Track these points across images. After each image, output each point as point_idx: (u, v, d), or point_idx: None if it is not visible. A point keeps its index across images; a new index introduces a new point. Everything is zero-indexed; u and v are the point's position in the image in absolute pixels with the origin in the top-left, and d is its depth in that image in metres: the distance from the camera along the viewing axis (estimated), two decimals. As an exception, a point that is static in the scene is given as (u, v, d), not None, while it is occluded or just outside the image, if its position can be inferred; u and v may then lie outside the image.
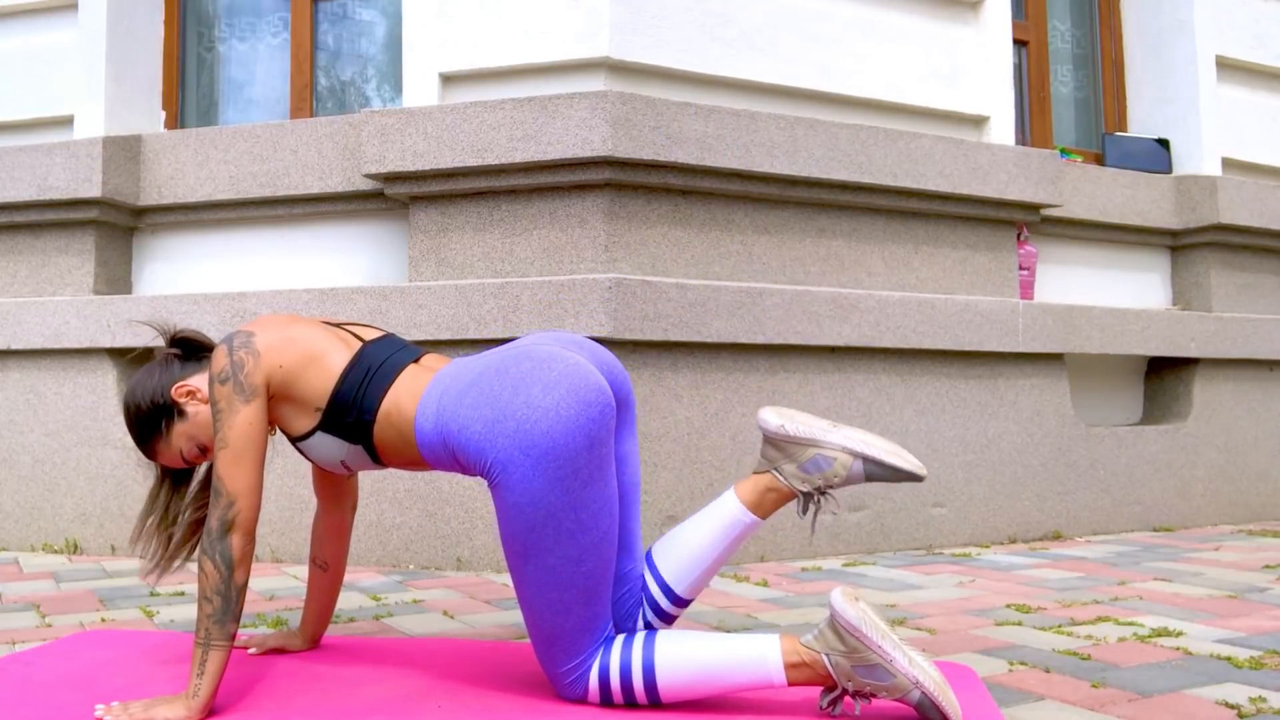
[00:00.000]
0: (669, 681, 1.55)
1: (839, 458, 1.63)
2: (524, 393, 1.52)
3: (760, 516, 1.67)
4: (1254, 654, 1.98)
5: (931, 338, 3.42)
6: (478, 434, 1.53)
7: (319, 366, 1.67)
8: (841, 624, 1.51)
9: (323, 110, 3.76)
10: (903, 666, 1.49)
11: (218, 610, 1.54)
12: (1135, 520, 3.84)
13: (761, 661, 1.53)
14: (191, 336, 1.82)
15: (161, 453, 1.76)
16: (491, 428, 1.52)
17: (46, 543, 3.36)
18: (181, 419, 1.73)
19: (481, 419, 1.53)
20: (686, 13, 3.21)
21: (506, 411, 1.52)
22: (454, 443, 1.56)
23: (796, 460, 1.65)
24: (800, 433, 1.65)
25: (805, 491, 1.65)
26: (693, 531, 1.68)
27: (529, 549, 1.53)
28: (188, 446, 1.74)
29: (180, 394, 1.73)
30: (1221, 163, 4.27)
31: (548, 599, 1.55)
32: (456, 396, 1.58)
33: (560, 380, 1.53)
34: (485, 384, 1.56)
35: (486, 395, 1.54)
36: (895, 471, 1.62)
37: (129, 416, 1.75)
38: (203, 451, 1.75)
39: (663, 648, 1.57)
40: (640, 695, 1.57)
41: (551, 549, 1.53)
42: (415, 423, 1.61)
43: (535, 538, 1.52)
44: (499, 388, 1.54)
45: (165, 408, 1.73)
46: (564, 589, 1.54)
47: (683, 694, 1.56)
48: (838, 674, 1.51)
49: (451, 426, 1.56)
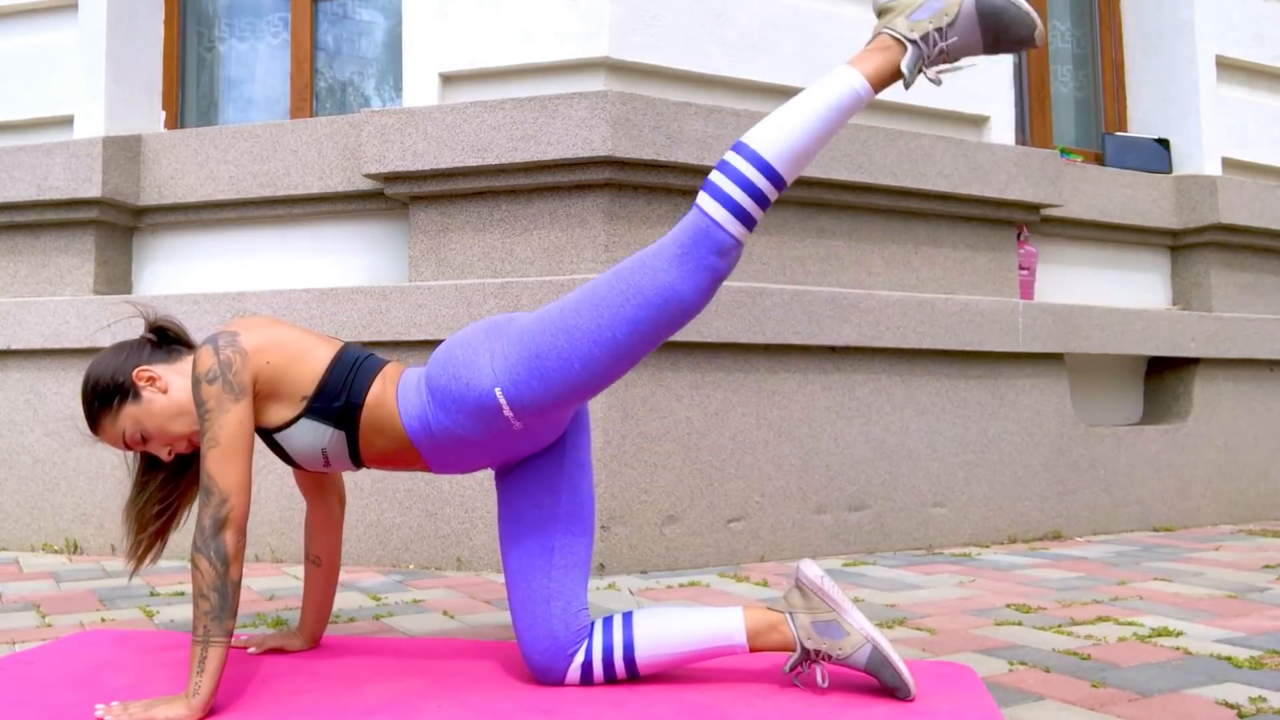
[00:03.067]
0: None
1: (853, 636, 1.66)
2: (482, 322, 1.74)
3: (749, 648, 1.70)
4: (1254, 654, 1.98)
5: (931, 338, 3.42)
6: (460, 356, 1.68)
7: (304, 360, 1.70)
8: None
9: (323, 110, 3.76)
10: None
11: (215, 607, 1.55)
12: (1135, 520, 3.84)
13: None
14: (169, 326, 1.83)
15: (105, 429, 1.75)
16: (468, 345, 1.68)
17: (46, 543, 3.36)
18: (135, 401, 1.73)
19: (459, 345, 1.69)
20: (686, 13, 3.21)
21: (473, 331, 1.71)
22: (444, 387, 1.66)
23: (815, 616, 1.68)
24: (832, 594, 1.69)
25: (806, 649, 1.68)
26: (681, 619, 1.73)
27: (566, 333, 1.64)
28: (131, 429, 1.73)
29: (141, 378, 1.73)
30: (1221, 163, 4.27)
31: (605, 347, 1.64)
32: (429, 366, 1.72)
33: None
34: (458, 345, 1.71)
35: (451, 344, 1.71)
36: (895, 675, 1.64)
37: (85, 387, 1.75)
38: (143, 440, 1.74)
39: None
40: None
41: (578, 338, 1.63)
42: (399, 404, 1.70)
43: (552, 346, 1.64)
44: (456, 336, 1.72)
45: (123, 387, 1.73)
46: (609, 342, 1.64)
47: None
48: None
49: (434, 376, 1.68)
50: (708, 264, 1.60)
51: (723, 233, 1.60)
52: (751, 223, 1.62)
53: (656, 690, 1.68)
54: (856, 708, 1.59)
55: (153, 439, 1.74)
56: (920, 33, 1.65)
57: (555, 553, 1.73)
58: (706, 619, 1.71)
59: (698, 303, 1.62)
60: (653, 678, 1.74)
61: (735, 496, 3.11)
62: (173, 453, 1.76)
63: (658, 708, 1.59)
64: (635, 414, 2.97)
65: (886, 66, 1.68)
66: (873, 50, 1.69)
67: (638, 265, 1.62)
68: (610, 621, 1.74)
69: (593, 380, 1.64)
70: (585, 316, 1.62)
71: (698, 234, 1.60)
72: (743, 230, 1.61)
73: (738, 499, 3.11)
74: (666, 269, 1.60)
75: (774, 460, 3.17)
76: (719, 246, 1.60)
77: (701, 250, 1.60)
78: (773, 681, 1.75)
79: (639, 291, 1.60)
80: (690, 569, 3.00)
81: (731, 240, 1.60)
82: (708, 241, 1.60)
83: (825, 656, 1.67)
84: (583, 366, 1.62)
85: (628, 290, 1.61)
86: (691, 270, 1.60)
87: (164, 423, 1.73)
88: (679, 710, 1.58)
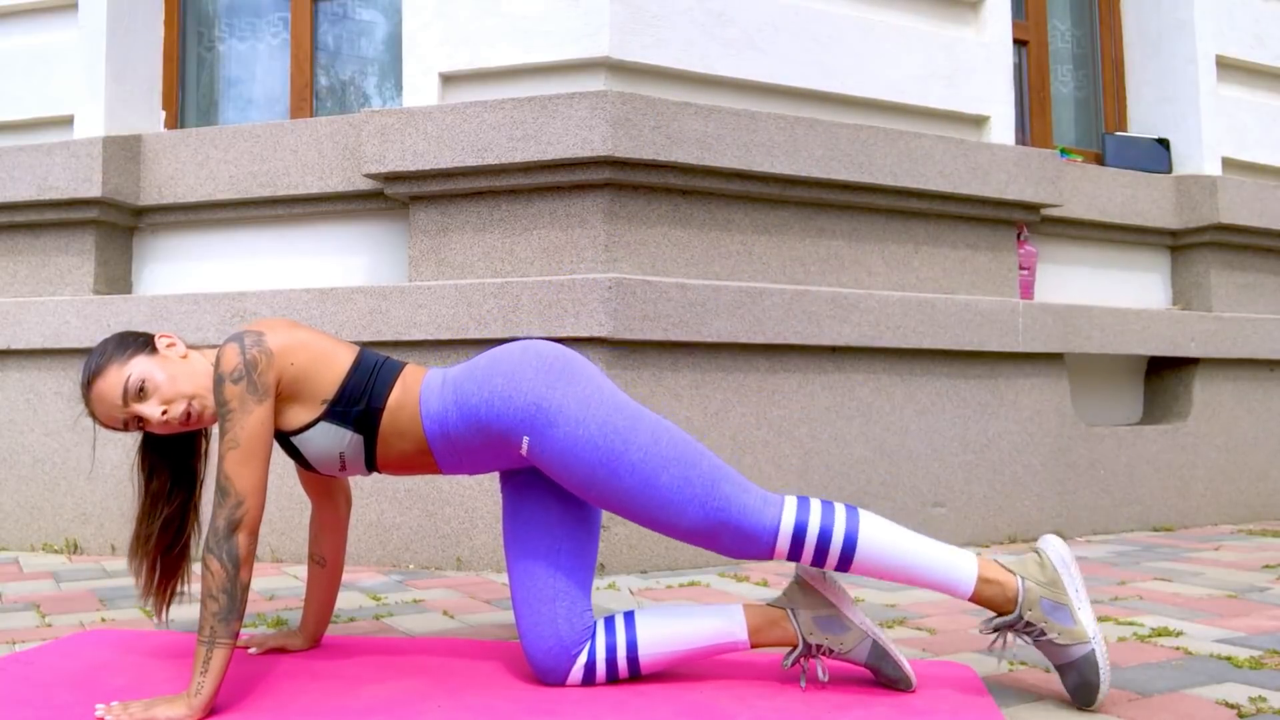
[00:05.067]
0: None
1: (854, 631, 1.68)
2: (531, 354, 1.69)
3: (751, 644, 1.71)
4: (1254, 654, 1.98)
5: (931, 338, 3.42)
6: (500, 387, 1.64)
7: (326, 363, 1.70)
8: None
9: (323, 110, 3.76)
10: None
11: (223, 609, 1.55)
12: (1135, 520, 3.84)
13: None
14: None
15: (107, 377, 1.66)
16: (512, 379, 1.65)
17: (46, 543, 3.36)
18: (149, 353, 1.70)
19: (501, 374, 1.66)
20: (686, 13, 3.21)
21: (520, 364, 1.67)
22: (475, 407, 1.65)
23: (816, 611, 1.70)
24: (833, 589, 1.71)
25: (808, 644, 1.69)
26: (683, 617, 1.74)
27: (610, 461, 1.61)
28: (135, 376, 1.65)
29: (161, 340, 1.73)
30: (1221, 163, 4.27)
31: (661, 495, 1.62)
32: (463, 373, 1.71)
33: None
34: (487, 361, 1.70)
35: (495, 365, 1.68)
36: (896, 667, 1.67)
37: (101, 343, 1.71)
38: (141, 394, 1.66)
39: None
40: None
41: (627, 448, 1.61)
42: (420, 405, 1.70)
43: (607, 450, 1.61)
44: (502, 358, 1.70)
45: (142, 338, 1.72)
46: (664, 469, 1.62)
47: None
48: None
49: (468, 391, 1.67)
50: (727, 527, 1.63)
51: (763, 542, 1.63)
52: (786, 556, 1.64)
53: (657, 690, 1.68)
54: (857, 708, 1.59)
55: (153, 395, 1.66)
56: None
57: (562, 551, 1.73)
58: (708, 616, 1.73)
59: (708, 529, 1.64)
60: (653, 677, 1.75)
61: (735, 496, 3.10)
62: (166, 415, 1.66)
63: (658, 708, 1.59)
64: (635, 414, 2.97)
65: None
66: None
67: (710, 486, 1.62)
68: (612, 621, 1.74)
69: (599, 498, 1.66)
70: (635, 480, 1.62)
71: (746, 532, 1.62)
72: (772, 551, 1.63)
73: (738, 499, 3.11)
74: (714, 508, 1.63)
75: (774, 460, 3.17)
76: (747, 540, 1.63)
77: (733, 532, 1.63)
78: (772, 681, 1.75)
79: (692, 493, 1.62)
80: (690, 569, 3.00)
81: (761, 549, 1.63)
82: (746, 538, 1.63)
83: (827, 651, 1.68)
84: (600, 497, 1.65)
85: (686, 489, 1.62)
86: (713, 515, 1.63)
87: (175, 376, 1.68)
88: (679, 710, 1.58)
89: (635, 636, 1.70)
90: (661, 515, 1.63)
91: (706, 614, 1.73)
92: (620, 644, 1.70)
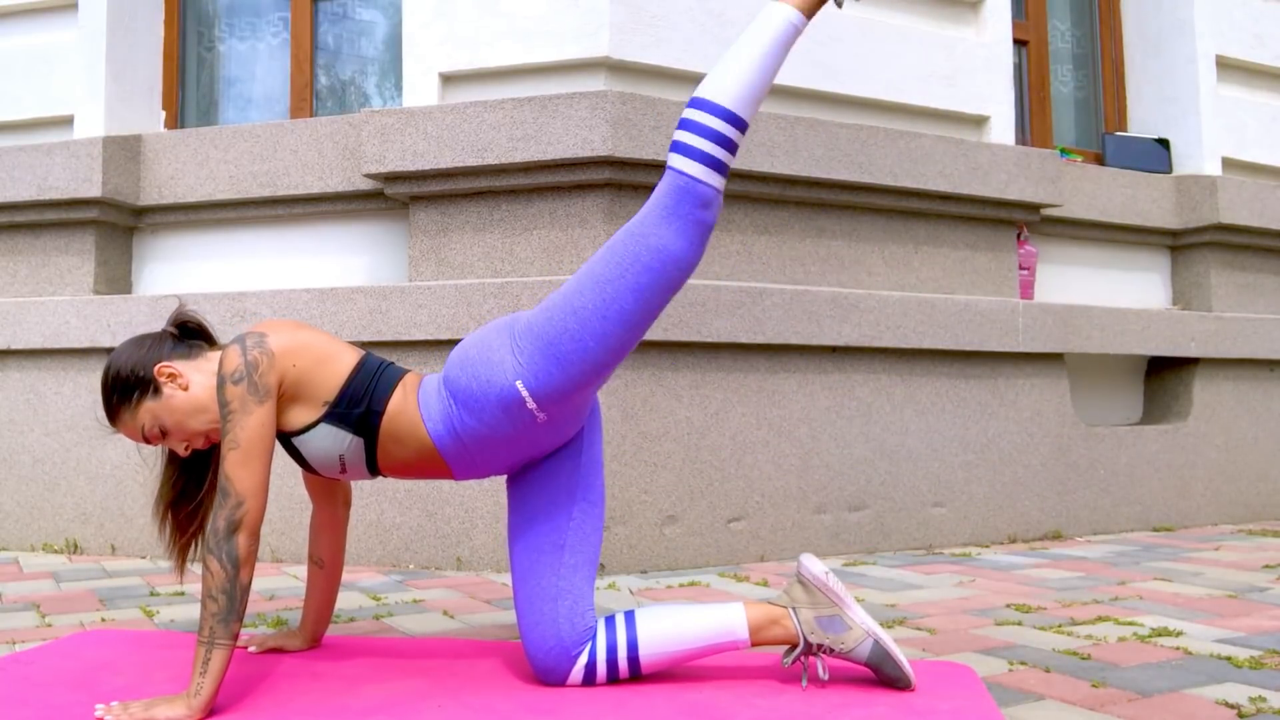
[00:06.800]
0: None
1: (855, 630, 1.69)
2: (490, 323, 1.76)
3: (751, 642, 1.72)
4: (1254, 654, 1.98)
5: (931, 338, 3.42)
6: (476, 356, 1.70)
7: (329, 365, 1.70)
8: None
9: (323, 110, 3.76)
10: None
11: (223, 609, 1.55)
12: (1135, 520, 3.84)
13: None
14: (191, 321, 1.82)
15: (124, 423, 1.74)
16: (483, 345, 1.70)
17: (46, 543, 3.36)
18: (154, 397, 1.71)
19: (474, 347, 1.71)
20: (686, 13, 3.21)
21: (485, 332, 1.73)
22: (466, 388, 1.68)
23: (818, 611, 1.71)
24: (835, 589, 1.72)
25: (810, 643, 1.70)
26: (684, 616, 1.74)
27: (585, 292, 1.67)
28: (150, 424, 1.72)
29: (162, 374, 1.72)
30: (1221, 163, 4.27)
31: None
32: (447, 370, 1.73)
33: None
34: (473, 346, 1.72)
35: (466, 349, 1.72)
36: (896, 667, 1.68)
37: (106, 379, 1.74)
38: (162, 434, 1.73)
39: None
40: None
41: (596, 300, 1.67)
42: (420, 410, 1.71)
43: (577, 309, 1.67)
44: (470, 340, 1.73)
45: (144, 381, 1.72)
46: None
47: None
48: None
49: (457, 381, 1.69)
50: (694, 218, 1.66)
51: (702, 186, 1.66)
52: (725, 170, 1.69)
53: (657, 690, 1.68)
54: (857, 707, 1.59)
55: (171, 434, 1.73)
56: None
57: (566, 550, 1.73)
58: (708, 615, 1.73)
59: (692, 257, 1.68)
60: (653, 677, 1.74)
61: (735, 496, 3.11)
62: (189, 448, 1.75)
63: (658, 708, 1.59)
64: (635, 414, 2.97)
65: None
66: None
67: (628, 236, 1.67)
68: (613, 620, 1.74)
69: (608, 355, 1.67)
70: (589, 295, 1.66)
71: (678, 193, 1.66)
72: (719, 180, 1.68)
73: (738, 499, 3.11)
74: (657, 232, 1.66)
75: (774, 460, 3.17)
76: (701, 199, 1.66)
77: (686, 207, 1.66)
78: (773, 680, 1.75)
79: (635, 259, 1.65)
80: (690, 569, 3.00)
81: (711, 191, 1.67)
82: (690, 197, 1.66)
83: (828, 650, 1.69)
84: (597, 343, 1.65)
85: (624, 261, 1.65)
86: (680, 228, 1.66)
87: (183, 419, 1.71)
88: (679, 710, 1.58)
89: (636, 636, 1.71)
90: None
91: (707, 612, 1.73)
92: (621, 643, 1.70)
